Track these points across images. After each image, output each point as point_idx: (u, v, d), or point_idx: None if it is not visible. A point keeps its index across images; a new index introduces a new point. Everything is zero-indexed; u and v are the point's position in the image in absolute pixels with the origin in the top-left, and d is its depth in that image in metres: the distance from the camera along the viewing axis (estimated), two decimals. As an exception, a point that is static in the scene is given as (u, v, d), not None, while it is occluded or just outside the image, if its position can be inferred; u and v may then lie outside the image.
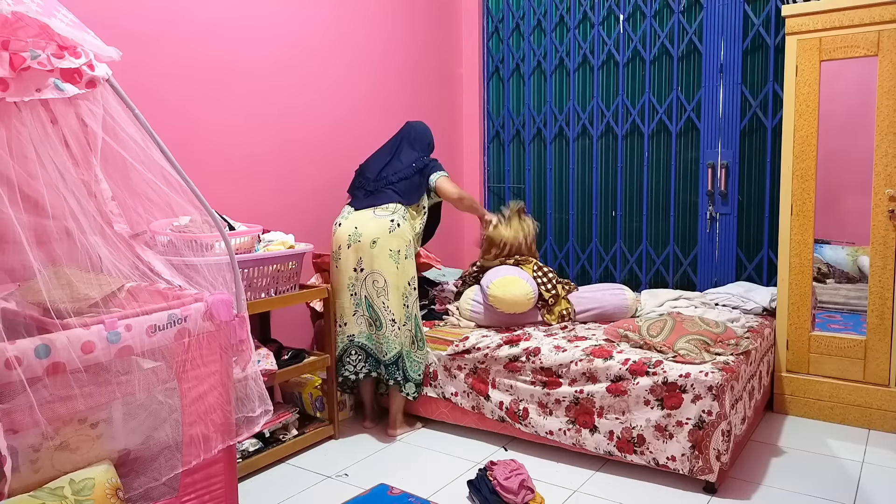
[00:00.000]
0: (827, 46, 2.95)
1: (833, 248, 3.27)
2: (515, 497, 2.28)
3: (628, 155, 3.97)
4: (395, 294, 2.89)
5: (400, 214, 2.96)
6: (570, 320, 3.13)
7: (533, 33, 4.23)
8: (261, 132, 3.17)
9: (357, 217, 2.96)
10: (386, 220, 2.92)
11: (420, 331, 3.00)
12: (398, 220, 2.94)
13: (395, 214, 2.95)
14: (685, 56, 3.74)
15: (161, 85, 2.72)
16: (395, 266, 2.89)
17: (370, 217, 2.94)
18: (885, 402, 2.95)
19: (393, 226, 2.92)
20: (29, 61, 1.48)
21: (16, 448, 1.52)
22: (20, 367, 1.40)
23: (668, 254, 3.89)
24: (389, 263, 2.89)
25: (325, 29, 3.46)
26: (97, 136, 1.72)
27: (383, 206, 2.98)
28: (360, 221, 2.93)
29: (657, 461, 2.47)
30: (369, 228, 2.91)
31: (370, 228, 2.91)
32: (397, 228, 2.92)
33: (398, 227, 2.92)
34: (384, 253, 2.89)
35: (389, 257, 2.89)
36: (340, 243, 2.95)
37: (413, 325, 2.95)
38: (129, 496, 1.72)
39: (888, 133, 2.86)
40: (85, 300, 1.66)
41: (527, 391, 2.73)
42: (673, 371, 2.44)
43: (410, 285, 2.95)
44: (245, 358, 1.87)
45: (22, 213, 1.56)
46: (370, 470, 2.68)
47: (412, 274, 2.96)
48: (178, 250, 2.04)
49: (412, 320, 2.95)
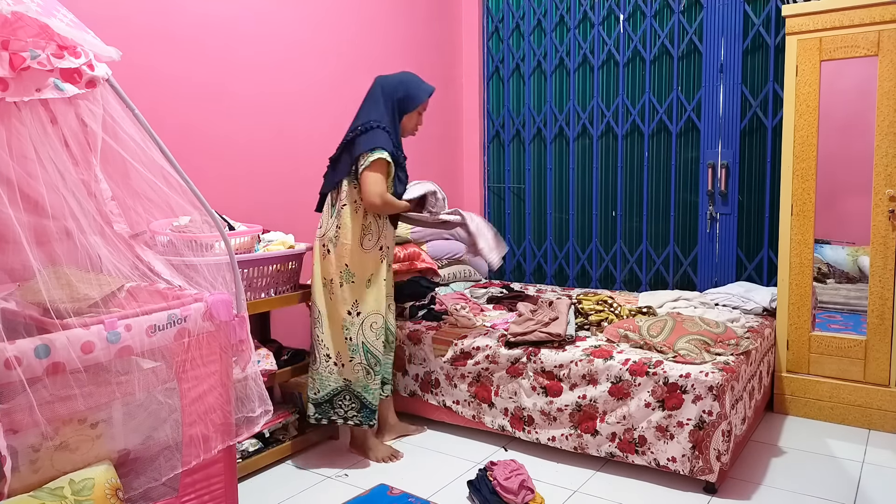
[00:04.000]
0: (827, 46, 2.95)
1: (833, 248, 3.27)
2: (515, 497, 2.28)
3: (628, 155, 3.97)
4: (329, 327, 2.60)
5: (329, 231, 2.58)
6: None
7: (533, 33, 4.23)
8: (261, 132, 3.17)
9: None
10: (318, 245, 2.61)
11: (373, 356, 2.62)
12: (325, 243, 2.58)
13: (326, 232, 2.58)
14: (685, 56, 3.74)
15: (161, 85, 2.72)
16: (327, 297, 2.60)
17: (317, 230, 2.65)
18: (885, 403, 2.95)
19: (324, 251, 2.59)
20: (29, 61, 1.48)
21: (16, 448, 1.52)
22: (20, 367, 1.40)
23: (669, 254, 3.89)
24: (321, 294, 2.61)
25: (325, 28, 3.46)
26: (97, 136, 1.72)
27: (322, 215, 2.65)
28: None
29: (658, 462, 2.47)
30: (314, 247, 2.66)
31: (314, 248, 2.65)
32: (328, 255, 2.58)
33: (328, 252, 2.57)
34: (317, 281, 2.62)
35: (323, 286, 2.60)
36: None
37: (363, 355, 2.60)
38: (129, 496, 1.72)
39: (888, 133, 2.86)
40: (85, 300, 1.66)
41: (529, 401, 2.72)
42: (673, 371, 2.44)
43: (352, 313, 2.58)
44: (245, 358, 1.87)
45: (22, 213, 1.56)
46: (370, 470, 2.68)
47: (353, 299, 2.57)
48: (178, 250, 2.04)
49: (359, 351, 2.59)
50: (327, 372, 2.64)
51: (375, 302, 2.63)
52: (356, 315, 2.60)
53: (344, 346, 2.61)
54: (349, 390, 2.65)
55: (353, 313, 2.60)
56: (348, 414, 2.66)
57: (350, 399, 2.65)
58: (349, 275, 2.58)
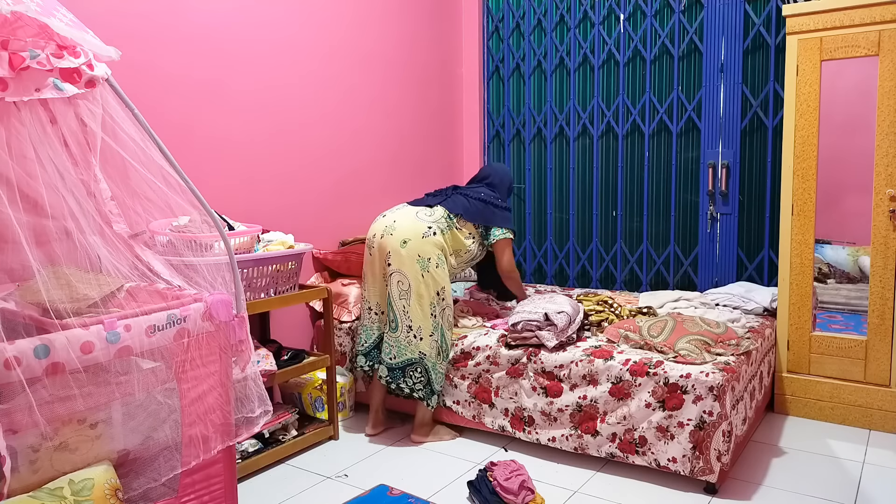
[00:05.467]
0: (827, 46, 2.95)
1: (834, 248, 3.27)
2: (516, 498, 2.28)
3: (629, 155, 3.97)
4: (417, 302, 2.81)
5: (442, 224, 2.92)
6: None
7: (533, 33, 4.22)
8: (260, 132, 3.16)
9: (401, 212, 2.96)
10: (423, 225, 2.88)
11: (446, 342, 2.90)
12: (436, 229, 2.89)
13: (435, 223, 2.91)
14: (686, 56, 3.74)
15: (161, 84, 2.72)
16: (420, 273, 2.82)
17: (412, 216, 2.92)
18: (885, 403, 2.95)
19: (429, 232, 2.87)
20: (28, 61, 1.48)
21: (15, 448, 1.51)
22: (19, 368, 1.39)
23: (669, 254, 3.89)
24: (415, 269, 2.82)
25: (325, 28, 3.46)
26: (96, 136, 1.72)
27: (431, 210, 2.96)
28: (401, 217, 2.92)
29: (658, 462, 2.46)
30: (404, 226, 2.87)
31: (405, 226, 2.87)
32: (432, 236, 2.87)
33: (433, 234, 2.87)
34: (412, 256, 2.83)
35: (416, 262, 2.82)
36: (376, 232, 2.94)
37: (440, 336, 2.86)
38: (129, 497, 1.72)
39: (889, 133, 2.85)
40: (84, 300, 1.66)
41: (529, 401, 2.72)
42: (674, 372, 2.44)
43: (439, 296, 2.86)
44: (244, 358, 1.87)
45: (21, 213, 1.56)
46: (370, 470, 2.67)
47: (443, 284, 2.87)
48: (178, 250, 2.04)
49: (439, 331, 2.86)
50: (406, 342, 2.84)
51: (448, 298, 2.91)
52: (442, 300, 2.87)
53: (428, 322, 2.83)
54: (422, 363, 2.84)
55: (441, 296, 2.87)
56: (415, 386, 2.85)
57: (420, 372, 2.84)
58: (444, 262, 2.89)
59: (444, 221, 2.94)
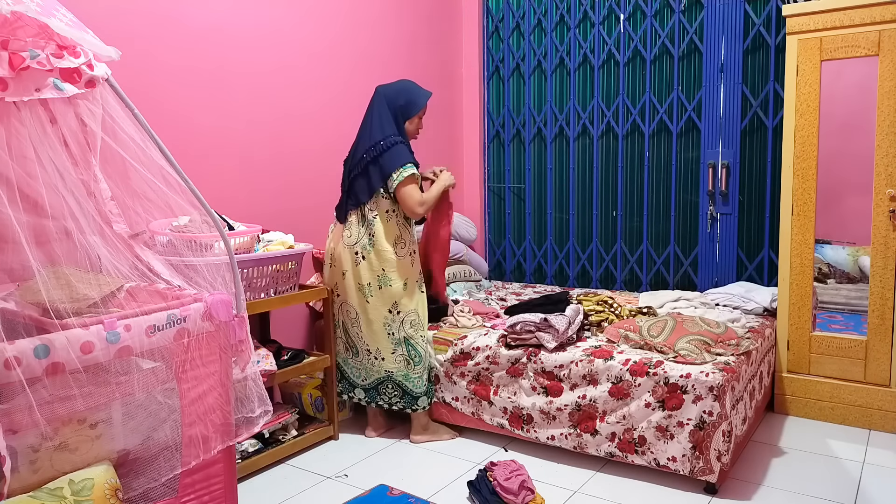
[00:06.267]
0: (827, 46, 2.95)
1: (834, 248, 3.27)
2: (516, 498, 2.28)
3: (629, 155, 3.97)
4: (367, 327, 2.83)
5: (364, 242, 2.79)
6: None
7: (533, 33, 4.22)
8: (260, 132, 3.16)
9: (334, 235, 2.91)
10: (351, 252, 2.81)
11: (417, 349, 2.85)
12: (363, 252, 2.78)
13: (357, 244, 2.79)
14: (686, 56, 3.74)
15: (161, 85, 2.72)
16: (364, 300, 2.81)
17: (342, 244, 2.85)
18: (885, 403, 2.95)
19: (358, 258, 2.79)
20: (28, 61, 1.48)
21: (15, 448, 1.51)
22: (19, 368, 1.39)
23: (669, 254, 3.89)
24: (358, 298, 2.82)
25: (325, 29, 3.46)
26: (96, 136, 1.72)
27: (350, 230, 2.82)
28: (336, 244, 2.88)
29: (658, 462, 2.46)
30: (340, 255, 2.85)
31: (341, 255, 2.84)
32: (362, 261, 2.79)
33: (362, 259, 2.78)
34: (352, 286, 2.83)
35: (358, 291, 2.82)
36: (326, 254, 2.95)
37: (405, 349, 2.84)
38: (129, 497, 1.72)
39: (889, 133, 2.85)
40: (84, 300, 1.66)
41: (528, 400, 2.72)
42: (674, 371, 2.44)
43: (393, 311, 2.81)
44: (244, 358, 1.87)
45: (21, 213, 1.56)
46: (370, 470, 2.67)
47: (394, 298, 2.80)
48: (178, 250, 2.04)
49: (402, 345, 2.84)
50: (369, 364, 2.89)
51: (412, 301, 2.86)
52: (396, 314, 2.83)
53: (386, 342, 2.84)
54: (391, 380, 2.87)
55: (394, 312, 2.83)
56: (392, 400, 2.89)
57: (392, 387, 2.88)
58: (386, 279, 2.80)
59: (365, 238, 2.79)
